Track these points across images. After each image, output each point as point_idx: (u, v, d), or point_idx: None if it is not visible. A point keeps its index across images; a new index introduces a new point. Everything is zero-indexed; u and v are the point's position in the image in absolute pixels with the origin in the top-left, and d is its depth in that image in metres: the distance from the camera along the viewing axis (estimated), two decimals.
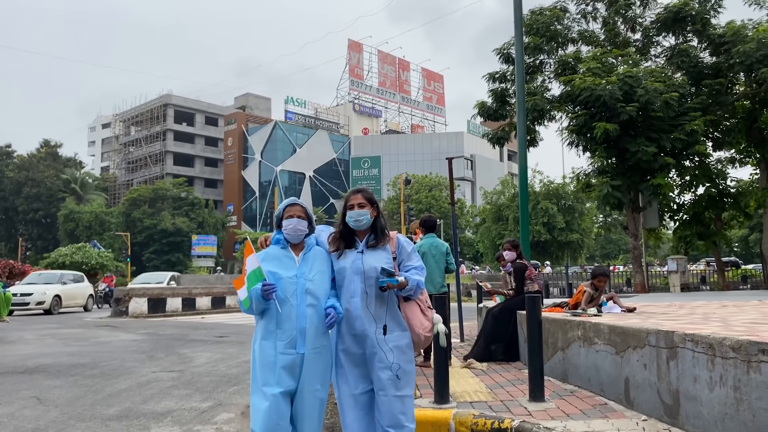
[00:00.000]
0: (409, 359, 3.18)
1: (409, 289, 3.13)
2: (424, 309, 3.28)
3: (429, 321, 3.26)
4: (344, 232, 3.30)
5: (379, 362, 3.11)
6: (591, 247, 58.11)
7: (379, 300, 3.16)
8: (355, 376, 3.20)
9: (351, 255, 3.23)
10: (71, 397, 6.14)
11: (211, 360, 8.75)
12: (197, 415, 5.36)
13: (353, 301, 3.17)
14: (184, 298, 20.24)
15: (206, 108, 79.18)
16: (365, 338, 3.14)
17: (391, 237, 3.30)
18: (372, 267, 3.14)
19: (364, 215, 3.24)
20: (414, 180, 56.97)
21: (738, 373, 3.14)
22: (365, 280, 3.15)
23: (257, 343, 3.20)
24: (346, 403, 3.23)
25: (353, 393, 3.20)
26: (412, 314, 3.22)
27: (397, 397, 3.10)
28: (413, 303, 3.25)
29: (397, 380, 3.10)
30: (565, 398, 4.73)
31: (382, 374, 3.10)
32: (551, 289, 25.03)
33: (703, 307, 6.50)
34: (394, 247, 3.27)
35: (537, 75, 19.97)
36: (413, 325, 3.20)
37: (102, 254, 41.56)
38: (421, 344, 3.28)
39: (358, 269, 3.17)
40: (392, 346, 3.12)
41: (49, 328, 14.58)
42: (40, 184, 65.67)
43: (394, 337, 3.14)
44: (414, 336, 3.20)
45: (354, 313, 3.16)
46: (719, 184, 19.82)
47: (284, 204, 3.39)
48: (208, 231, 62.87)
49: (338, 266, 3.25)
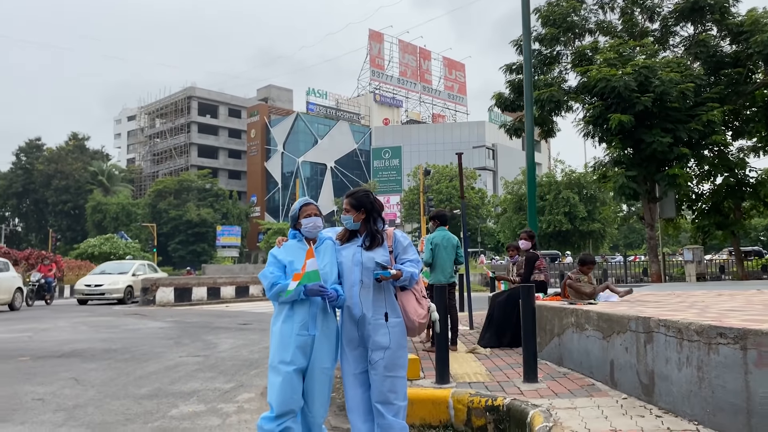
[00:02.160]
0: (401, 343, 3.56)
1: (403, 279, 3.50)
2: (419, 298, 3.64)
3: (423, 309, 3.62)
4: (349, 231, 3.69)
5: (372, 344, 3.50)
6: (614, 237, 57.84)
7: (376, 289, 3.54)
8: (355, 357, 3.58)
9: (352, 248, 3.62)
10: (106, 379, 6.66)
11: (234, 346, 9.25)
12: (220, 395, 5.82)
13: (353, 290, 3.55)
14: (209, 288, 20.86)
15: (229, 100, 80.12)
16: (362, 323, 3.53)
17: (388, 233, 3.68)
18: (370, 258, 3.53)
19: (347, 220, 3.65)
20: (434, 170, 57.13)
21: (701, 355, 3.48)
22: (363, 271, 3.53)
23: (277, 326, 3.61)
24: (347, 382, 3.63)
25: (354, 372, 3.59)
26: (407, 302, 3.59)
27: (387, 377, 3.48)
28: (409, 292, 3.61)
29: (388, 361, 3.48)
30: (557, 380, 5.10)
31: (375, 355, 3.49)
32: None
33: (698, 296, 6.79)
34: (390, 242, 3.64)
35: (554, 66, 20.08)
36: (408, 312, 3.57)
37: (129, 245, 42.63)
38: (415, 330, 3.64)
39: (357, 261, 3.55)
40: (386, 330, 3.50)
41: (81, 316, 15.27)
42: (69, 177, 67.22)
43: (389, 323, 3.52)
44: (408, 322, 3.57)
45: (353, 300, 3.54)
46: (738, 174, 19.78)
47: (299, 204, 3.76)
48: (232, 222, 63.92)
49: (340, 258, 3.64)
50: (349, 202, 3.64)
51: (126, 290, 21.30)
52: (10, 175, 70.61)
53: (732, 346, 3.26)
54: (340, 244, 3.69)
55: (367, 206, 3.62)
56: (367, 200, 3.65)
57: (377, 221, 3.67)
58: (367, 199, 3.66)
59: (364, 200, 3.64)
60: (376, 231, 3.63)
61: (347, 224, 3.65)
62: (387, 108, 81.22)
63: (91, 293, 21.04)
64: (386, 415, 3.49)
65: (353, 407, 3.60)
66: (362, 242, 3.60)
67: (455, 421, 4.52)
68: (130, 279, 21.85)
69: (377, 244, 3.59)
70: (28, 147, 71.80)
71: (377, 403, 3.50)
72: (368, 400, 3.58)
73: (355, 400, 3.59)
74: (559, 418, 3.79)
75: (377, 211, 3.67)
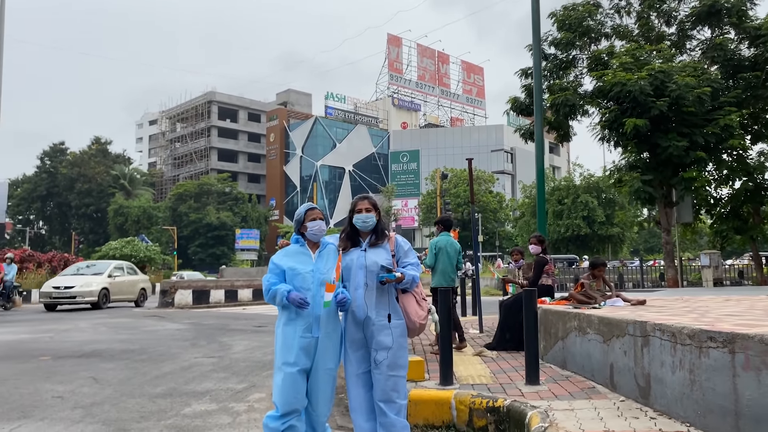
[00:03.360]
0: (402, 344, 3.71)
1: (405, 282, 3.67)
2: (419, 300, 3.80)
3: (423, 311, 3.79)
4: (351, 233, 3.83)
5: (376, 345, 3.65)
6: (634, 241, 57.33)
7: (379, 291, 3.69)
8: (357, 358, 3.73)
9: (356, 252, 3.78)
10: (123, 378, 6.87)
11: (248, 347, 9.45)
12: (233, 395, 6.00)
13: (357, 292, 3.70)
14: (227, 290, 21.17)
15: (249, 104, 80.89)
16: (365, 324, 3.67)
17: (391, 237, 3.84)
18: (373, 262, 3.68)
19: (371, 218, 3.78)
20: (452, 174, 57.10)
21: (692, 358, 3.57)
22: (367, 274, 3.68)
23: (280, 328, 3.77)
24: (350, 382, 3.78)
25: (356, 373, 3.74)
26: (408, 304, 3.74)
27: (390, 376, 3.63)
28: (410, 294, 3.77)
29: (391, 361, 3.63)
30: (559, 382, 5.19)
31: (379, 355, 3.64)
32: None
33: (704, 302, 6.82)
34: (392, 246, 3.80)
35: (570, 70, 20.09)
36: (409, 313, 3.72)
37: (150, 248, 43.19)
38: (416, 331, 3.81)
39: (362, 264, 3.70)
40: (389, 331, 3.65)
41: (101, 318, 15.61)
42: (92, 180, 68.35)
43: (391, 324, 3.67)
44: (409, 323, 3.73)
45: (357, 303, 3.69)
46: (757, 178, 19.59)
47: (304, 209, 3.91)
48: (251, 225, 64.52)
49: (344, 262, 3.79)
50: (370, 203, 3.82)
51: (101, 293, 18.99)
52: (35, 178, 71.99)
53: (721, 349, 3.34)
54: (342, 252, 3.83)
55: (378, 208, 3.86)
56: (377, 203, 3.92)
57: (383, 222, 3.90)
58: (376, 201, 3.94)
59: (376, 203, 3.91)
60: (384, 228, 3.83)
61: (369, 223, 3.77)
62: (405, 112, 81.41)
63: (60, 296, 18.55)
64: (389, 414, 3.62)
65: (356, 407, 3.74)
66: (368, 241, 3.76)
67: (457, 422, 4.64)
68: (105, 281, 19.56)
69: (383, 239, 3.77)
70: (52, 151, 73.17)
71: (380, 402, 3.63)
72: (370, 399, 3.72)
73: (358, 399, 3.73)
74: (555, 419, 3.89)
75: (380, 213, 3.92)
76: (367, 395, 3.72)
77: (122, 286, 20.44)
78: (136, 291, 21.23)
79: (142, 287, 21.71)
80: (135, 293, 21.16)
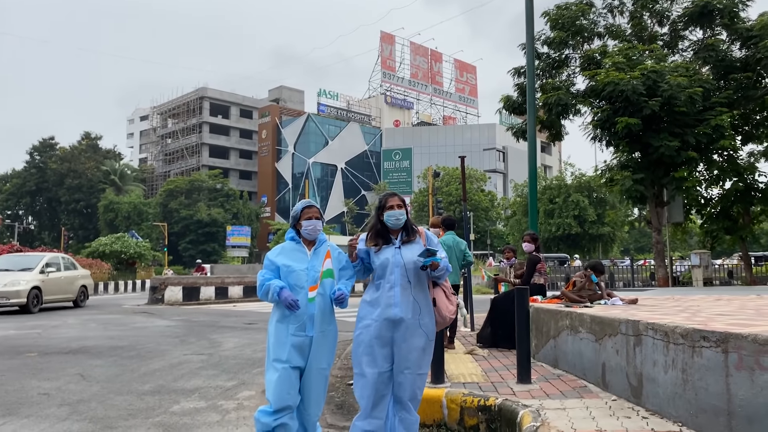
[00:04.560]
0: (431, 343, 3.69)
1: (441, 269, 3.59)
2: (448, 294, 3.80)
3: (453, 305, 3.79)
4: (381, 230, 3.72)
5: (412, 344, 3.57)
6: (625, 240, 57.58)
7: (417, 289, 3.61)
8: (383, 356, 3.61)
9: (389, 250, 3.67)
10: (111, 375, 6.80)
11: (238, 345, 9.39)
12: (222, 392, 5.94)
13: (394, 290, 3.59)
14: (217, 287, 21.07)
15: (241, 101, 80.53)
16: (400, 323, 3.57)
17: (420, 232, 3.78)
18: (410, 260, 3.59)
19: (402, 215, 3.70)
20: (444, 172, 57.12)
21: (685, 357, 3.55)
22: (406, 272, 3.60)
23: (273, 325, 3.72)
24: (370, 381, 3.58)
25: (379, 371, 3.59)
26: (439, 298, 3.72)
27: (419, 375, 3.62)
28: (439, 288, 3.76)
29: (421, 360, 3.61)
30: (550, 381, 5.17)
31: (412, 355, 3.57)
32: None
33: (695, 301, 6.83)
34: (424, 241, 3.73)
35: (562, 69, 20.12)
36: (440, 308, 3.70)
37: (140, 244, 42.95)
38: (444, 324, 3.81)
39: (398, 262, 3.61)
40: (422, 331, 3.60)
41: (90, 314, 15.48)
42: (82, 176, 67.84)
43: (425, 322, 3.62)
44: (439, 318, 3.70)
45: (393, 301, 3.57)
46: (747, 179, 19.69)
47: (301, 206, 3.86)
48: (242, 222, 64.26)
49: (379, 260, 3.67)
50: (400, 200, 3.74)
51: (31, 294, 15.51)
52: (24, 173, 71.38)
53: (714, 349, 3.32)
54: (375, 251, 3.69)
55: (406, 204, 3.79)
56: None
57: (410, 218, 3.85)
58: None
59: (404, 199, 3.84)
60: (413, 225, 3.77)
61: (401, 220, 3.68)
62: (398, 110, 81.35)
63: None
64: (412, 411, 3.63)
65: (368, 407, 3.59)
66: (400, 240, 3.68)
67: (448, 420, 4.61)
68: (36, 278, 16.07)
69: (414, 236, 3.71)
70: (41, 146, 72.55)
71: (409, 401, 3.61)
72: (384, 396, 3.62)
73: (373, 398, 3.60)
74: (547, 418, 3.87)
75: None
76: (383, 391, 3.62)
77: (58, 284, 17.13)
78: (75, 289, 18.06)
79: (82, 284, 18.58)
80: (74, 292, 18.01)
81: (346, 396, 5.72)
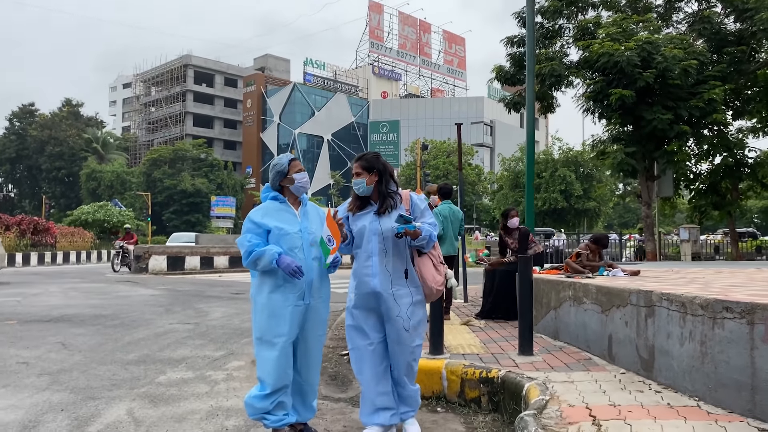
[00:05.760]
0: (421, 313, 3.42)
1: (422, 238, 3.26)
2: (436, 264, 3.45)
3: (441, 276, 3.46)
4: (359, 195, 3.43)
5: (396, 317, 3.32)
6: (609, 216, 57.85)
7: (396, 258, 3.33)
8: (370, 326, 3.40)
9: (368, 216, 3.39)
10: (93, 344, 6.55)
11: (225, 314, 9.17)
12: (210, 362, 5.72)
13: (372, 260, 3.32)
14: (203, 257, 20.76)
15: (225, 69, 79.13)
16: (380, 296, 3.32)
17: (404, 196, 3.45)
18: (389, 228, 3.30)
19: (359, 184, 3.38)
20: (432, 146, 56.74)
21: (705, 329, 3.37)
22: (383, 240, 3.31)
23: (265, 296, 3.35)
24: (365, 354, 3.41)
25: (369, 341, 3.39)
26: (425, 268, 3.39)
27: (411, 348, 3.38)
28: (426, 258, 3.42)
29: (412, 333, 3.35)
30: (553, 353, 5.00)
31: (398, 328, 3.33)
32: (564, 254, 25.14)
33: (697, 273, 6.70)
34: (408, 206, 3.41)
35: (556, 40, 19.74)
36: (426, 278, 3.38)
37: (123, 213, 42.35)
38: (432, 297, 3.49)
39: (376, 230, 3.33)
40: (407, 301, 3.33)
41: (72, 282, 15.15)
42: (63, 143, 66.53)
43: (409, 293, 3.34)
44: (426, 289, 3.40)
45: (371, 271, 3.32)
46: (737, 154, 19.62)
47: (287, 159, 3.47)
48: (227, 192, 63.57)
49: (356, 227, 3.40)
50: (360, 165, 3.40)
51: None
52: (4, 140, 69.83)
53: (738, 320, 3.14)
54: (352, 215, 3.45)
55: (379, 168, 3.40)
56: (378, 162, 3.42)
57: (390, 183, 3.44)
58: (378, 160, 3.43)
59: (375, 162, 3.41)
60: (390, 193, 3.42)
61: (360, 189, 3.39)
62: (386, 81, 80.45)
63: None
64: (408, 385, 3.42)
65: (368, 379, 3.42)
66: (378, 206, 3.38)
67: (448, 393, 4.43)
68: None
69: (392, 206, 3.37)
70: (21, 112, 70.91)
71: (403, 375, 3.40)
72: (384, 370, 3.43)
73: (371, 372, 3.42)
74: (555, 391, 3.69)
75: (389, 173, 3.45)
76: (380, 366, 3.42)
77: None
78: None
79: None
80: None
81: (339, 366, 5.52)
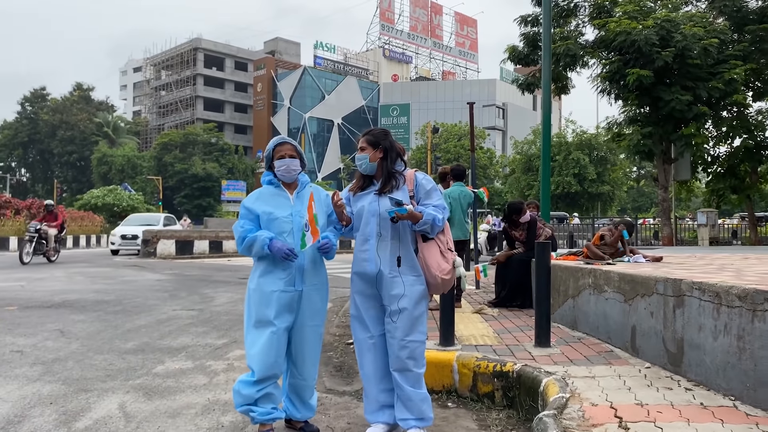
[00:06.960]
0: (420, 306, 3.10)
1: (423, 222, 2.98)
2: (443, 250, 3.11)
3: (448, 263, 3.11)
4: (363, 174, 3.21)
5: (389, 306, 3.07)
6: (623, 200, 57.13)
7: (394, 241, 3.06)
8: (371, 318, 3.17)
9: (368, 197, 3.15)
10: (92, 331, 6.33)
11: (231, 300, 8.94)
12: (211, 351, 5.49)
13: (369, 243, 3.09)
14: (212, 241, 20.59)
15: (236, 53, 78.68)
16: (378, 280, 3.08)
17: (408, 176, 3.17)
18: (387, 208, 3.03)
19: (362, 159, 3.15)
20: (443, 129, 56.15)
21: (743, 322, 3.07)
22: (381, 222, 3.06)
23: (254, 282, 3.24)
24: (364, 347, 3.21)
25: (370, 334, 3.18)
26: (429, 255, 3.08)
27: (407, 342, 3.06)
28: (432, 243, 3.10)
29: (405, 326, 3.05)
30: (571, 345, 4.71)
31: (391, 317, 3.07)
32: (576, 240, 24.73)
33: (723, 259, 6.36)
34: (411, 186, 3.14)
35: (571, 18, 19.26)
36: (430, 266, 3.07)
37: (133, 197, 42.34)
38: (438, 287, 3.15)
39: (375, 211, 3.09)
40: (399, 291, 3.05)
41: (79, 266, 15.02)
42: (74, 128, 66.65)
43: (404, 282, 3.05)
44: (430, 278, 3.09)
45: (369, 255, 3.08)
46: (757, 136, 19.07)
47: (273, 143, 3.32)
48: (237, 177, 63.50)
49: (356, 207, 3.18)
50: (366, 140, 3.15)
51: None
52: (16, 124, 70.06)
53: None
54: (353, 195, 3.21)
55: (385, 145, 3.13)
56: (385, 139, 3.16)
57: (396, 163, 3.16)
58: (385, 137, 3.17)
59: (382, 138, 3.16)
60: (394, 172, 3.14)
61: (362, 165, 3.14)
62: (396, 64, 79.62)
63: None
64: (404, 386, 3.09)
65: (369, 375, 3.20)
66: (380, 185, 3.11)
67: (459, 387, 4.16)
68: None
69: (394, 186, 3.10)
70: (33, 97, 71.03)
71: (395, 372, 3.10)
72: (385, 366, 3.17)
73: (372, 367, 3.19)
74: (576, 388, 3.41)
75: (396, 151, 3.18)
76: (382, 362, 3.18)
77: None
78: None
79: None
80: None
81: (345, 356, 5.27)
